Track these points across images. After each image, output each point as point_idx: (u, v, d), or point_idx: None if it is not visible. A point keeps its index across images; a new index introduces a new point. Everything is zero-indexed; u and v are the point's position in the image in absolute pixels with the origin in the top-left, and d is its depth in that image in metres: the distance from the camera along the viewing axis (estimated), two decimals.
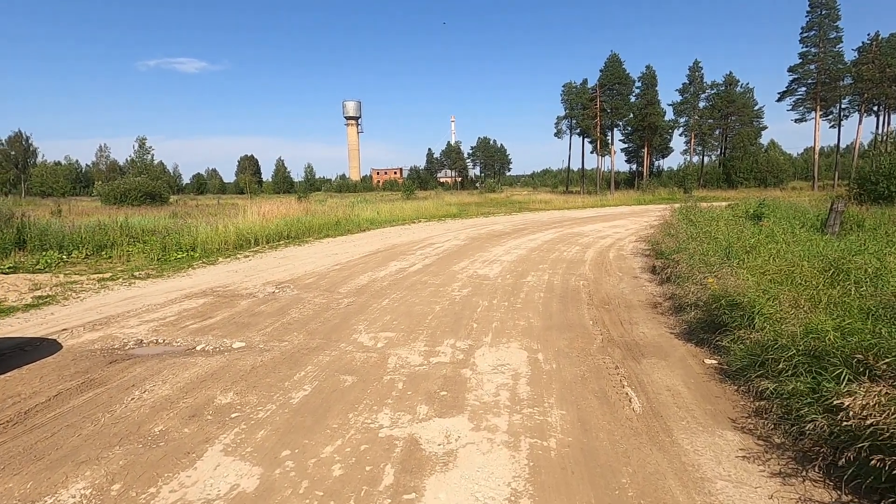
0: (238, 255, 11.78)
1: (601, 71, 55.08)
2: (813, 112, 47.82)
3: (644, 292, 7.33)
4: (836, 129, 48.99)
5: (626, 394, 3.78)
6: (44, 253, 11.68)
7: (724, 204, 18.39)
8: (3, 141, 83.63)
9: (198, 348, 5.03)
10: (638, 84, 55.34)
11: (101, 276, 9.36)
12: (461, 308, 6.49)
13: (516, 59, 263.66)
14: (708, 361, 4.41)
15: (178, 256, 11.73)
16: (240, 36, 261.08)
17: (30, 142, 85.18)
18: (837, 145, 51.97)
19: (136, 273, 9.39)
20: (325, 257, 11.20)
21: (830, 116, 49.36)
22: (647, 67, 55.45)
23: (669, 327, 5.48)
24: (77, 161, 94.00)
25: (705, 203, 17.53)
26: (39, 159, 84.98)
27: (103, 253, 12.26)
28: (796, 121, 49.61)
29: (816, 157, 49.35)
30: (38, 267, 10.65)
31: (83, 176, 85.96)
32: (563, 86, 55.83)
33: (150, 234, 13.97)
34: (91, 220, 15.62)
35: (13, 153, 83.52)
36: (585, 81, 55.98)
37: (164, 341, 5.28)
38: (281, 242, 13.94)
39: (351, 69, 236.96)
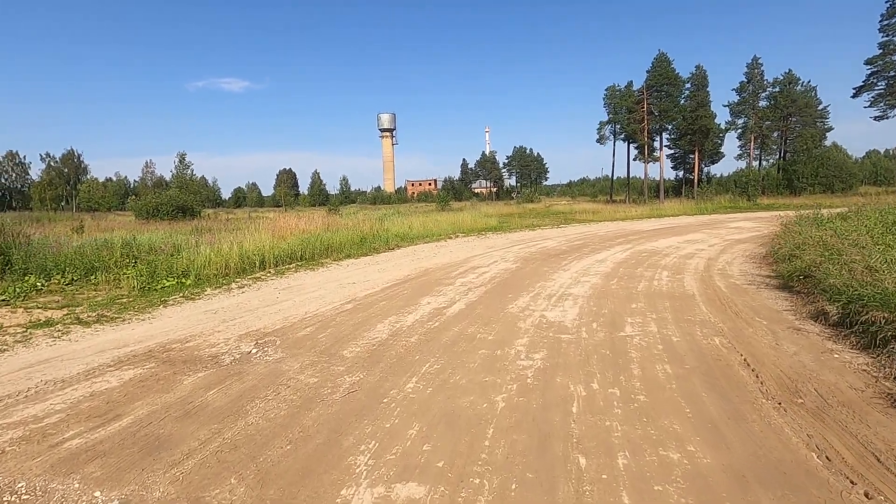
0: (232, 284, 9.42)
1: (648, 71, 51.23)
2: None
3: (843, 366, 4.35)
4: None
5: None
6: (23, 278, 9.75)
7: (834, 211, 14.81)
8: (57, 159, 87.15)
9: None
10: (688, 85, 51.07)
11: (48, 315, 7.16)
12: (541, 406, 3.72)
13: (551, 67, 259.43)
14: None
15: (166, 284, 9.53)
16: (280, 55, 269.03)
17: (81, 159, 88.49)
18: None
19: (86, 315, 7.09)
20: (338, 289, 8.64)
21: None
22: (697, 67, 51.16)
23: None
24: (126, 177, 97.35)
25: (825, 211, 13.96)
26: (90, 176, 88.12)
27: (92, 277, 10.19)
28: (876, 118, 44.20)
29: None
30: (1, 298, 8.62)
31: (131, 191, 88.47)
32: (607, 89, 52.26)
33: (157, 252, 11.92)
34: (89, 239, 13.79)
35: (66, 171, 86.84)
36: (630, 84, 52.23)
37: None
38: (291, 265, 11.53)
39: (386, 82, 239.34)
